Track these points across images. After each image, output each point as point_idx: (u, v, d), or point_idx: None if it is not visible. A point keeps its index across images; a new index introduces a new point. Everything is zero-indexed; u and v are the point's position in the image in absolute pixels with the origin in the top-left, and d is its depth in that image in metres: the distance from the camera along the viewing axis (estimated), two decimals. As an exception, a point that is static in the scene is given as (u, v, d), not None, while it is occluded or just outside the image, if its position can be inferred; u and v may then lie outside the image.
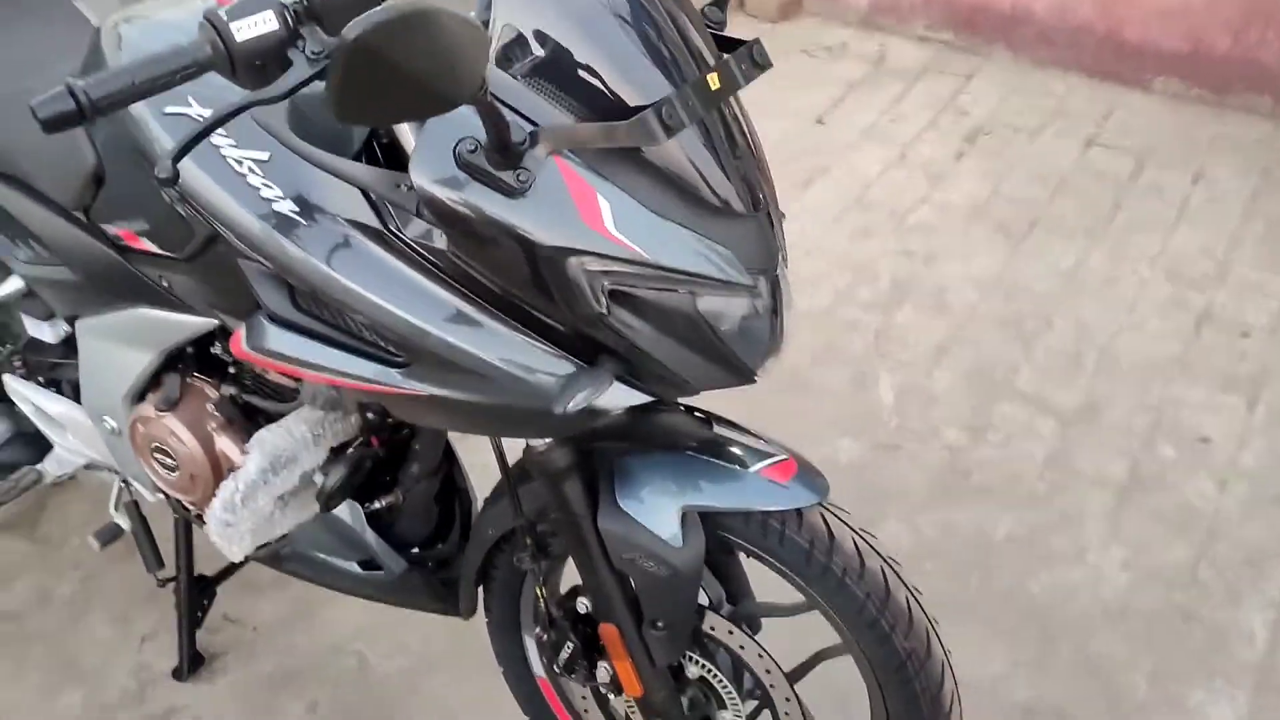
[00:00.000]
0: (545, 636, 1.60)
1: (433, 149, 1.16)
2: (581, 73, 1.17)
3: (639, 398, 1.29)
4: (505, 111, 1.13)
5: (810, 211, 3.32)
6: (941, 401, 2.66)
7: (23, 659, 2.09)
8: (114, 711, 2.00)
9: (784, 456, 1.43)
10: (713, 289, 1.22)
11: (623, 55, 1.19)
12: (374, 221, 1.27)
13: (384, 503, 1.71)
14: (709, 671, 1.56)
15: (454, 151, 1.15)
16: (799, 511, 1.42)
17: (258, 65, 1.06)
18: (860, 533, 1.45)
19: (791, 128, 3.73)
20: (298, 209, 1.29)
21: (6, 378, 1.92)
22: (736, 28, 4.48)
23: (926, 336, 2.85)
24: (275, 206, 1.30)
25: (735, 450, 1.44)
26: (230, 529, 1.52)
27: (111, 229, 1.55)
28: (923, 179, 3.47)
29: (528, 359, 1.26)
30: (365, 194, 1.27)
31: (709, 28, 1.32)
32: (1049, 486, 2.44)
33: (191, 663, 2.04)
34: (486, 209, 1.16)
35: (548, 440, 1.41)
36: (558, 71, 1.17)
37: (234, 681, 2.05)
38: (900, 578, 1.45)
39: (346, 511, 1.70)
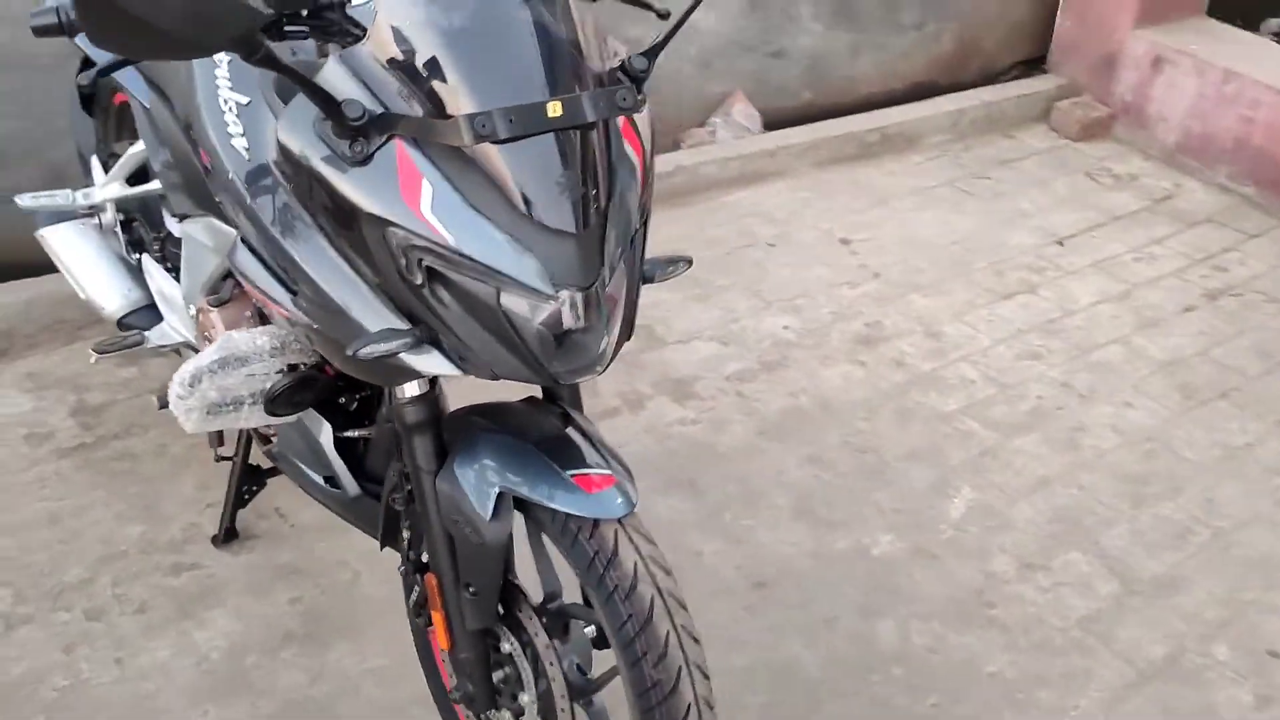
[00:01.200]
0: (406, 577, 1.78)
1: (302, 111, 1.40)
2: (440, 70, 1.34)
3: (448, 368, 1.45)
4: (358, 90, 1.35)
5: (993, 321, 3.26)
6: (1010, 531, 2.56)
7: (119, 491, 2.53)
8: (156, 551, 2.39)
9: (605, 471, 1.55)
10: (515, 289, 1.36)
11: (480, 64, 1.33)
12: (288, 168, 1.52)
13: (356, 434, 1.96)
14: (518, 655, 1.68)
15: (313, 117, 1.38)
16: (596, 522, 1.52)
17: None
18: (648, 559, 1.53)
19: (1026, 241, 3.65)
20: (248, 147, 1.57)
21: (145, 258, 2.35)
22: (1035, 140, 4.42)
23: (1035, 467, 2.75)
24: (233, 142, 1.59)
25: (568, 453, 1.57)
26: (181, 401, 1.81)
27: (199, 146, 1.90)
28: (1131, 322, 3.31)
29: (364, 307, 1.46)
30: None
31: (626, 74, 1.44)
32: (1068, 643, 2.31)
33: (227, 535, 2.39)
34: (322, 169, 1.37)
35: (414, 395, 1.60)
36: (418, 66, 1.35)
37: (252, 560, 2.38)
38: (669, 613, 1.51)
39: (323, 432, 1.97)
